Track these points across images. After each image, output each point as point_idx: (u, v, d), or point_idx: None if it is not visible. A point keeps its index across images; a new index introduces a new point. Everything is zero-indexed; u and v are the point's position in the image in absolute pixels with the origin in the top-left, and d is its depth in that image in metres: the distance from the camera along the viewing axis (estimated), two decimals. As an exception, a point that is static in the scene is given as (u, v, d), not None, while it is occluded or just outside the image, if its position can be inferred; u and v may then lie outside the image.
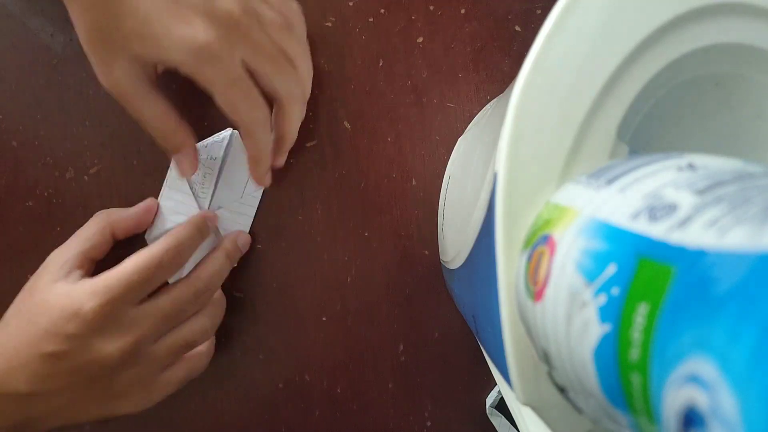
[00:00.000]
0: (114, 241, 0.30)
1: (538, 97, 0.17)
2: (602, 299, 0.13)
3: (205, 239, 0.31)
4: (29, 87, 0.33)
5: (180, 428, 0.34)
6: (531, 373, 0.17)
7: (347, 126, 0.34)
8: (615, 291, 0.13)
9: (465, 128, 0.34)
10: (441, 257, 0.33)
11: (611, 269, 0.13)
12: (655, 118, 0.19)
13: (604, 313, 0.13)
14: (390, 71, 0.34)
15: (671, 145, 0.21)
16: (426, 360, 0.35)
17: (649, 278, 0.12)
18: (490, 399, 0.35)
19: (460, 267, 0.26)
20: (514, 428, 0.33)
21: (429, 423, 0.35)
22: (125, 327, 0.26)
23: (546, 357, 0.16)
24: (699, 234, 0.12)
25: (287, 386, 0.34)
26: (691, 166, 0.14)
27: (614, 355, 0.12)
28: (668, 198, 0.13)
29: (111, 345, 0.26)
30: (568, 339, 0.14)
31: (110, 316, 0.26)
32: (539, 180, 0.17)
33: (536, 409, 0.17)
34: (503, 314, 0.17)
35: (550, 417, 0.17)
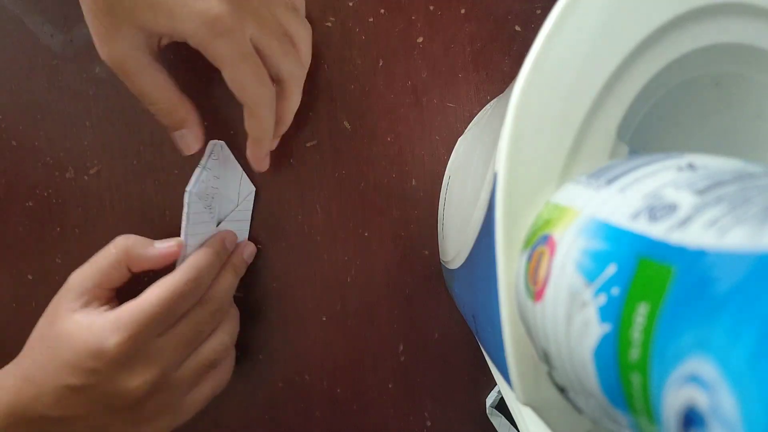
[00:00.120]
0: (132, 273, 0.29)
1: (538, 97, 0.17)
2: (602, 299, 0.13)
3: (223, 261, 0.30)
4: (29, 87, 0.33)
5: (180, 428, 0.34)
6: (531, 373, 0.17)
7: (347, 126, 0.34)
8: (615, 291, 0.13)
9: (465, 128, 0.34)
10: (441, 257, 0.33)
11: (611, 269, 0.13)
12: (655, 118, 0.19)
13: (604, 313, 0.13)
14: (390, 71, 0.34)
15: (671, 145, 0.21)
16: (426, 360, 0.35)
17: (649, 278, 0.12)
18: (490, 399, 0.35)
19: (460, 267, 0.26)
20: (514, 428, 0.33)
21: (429, 423, 0.35)
22: (149, 359, 0.26)
23: (546, 357, 0.16)
24: (699, 234, 0.12)
25: (287, 386, 0.34)
26: (691, 166, 0.14)
27: (614, 355, 0.12)
28: (668, 198, 0.13)
29: (136, 379, 0.26)
30: (568, 339, 0.14)
31: (134, 351, 0.26)
32: (539, 180, 0.17)
33: (536, 409, 0.17)
34: (503, 314, 0.17)
35: (550, 417, 0.17)
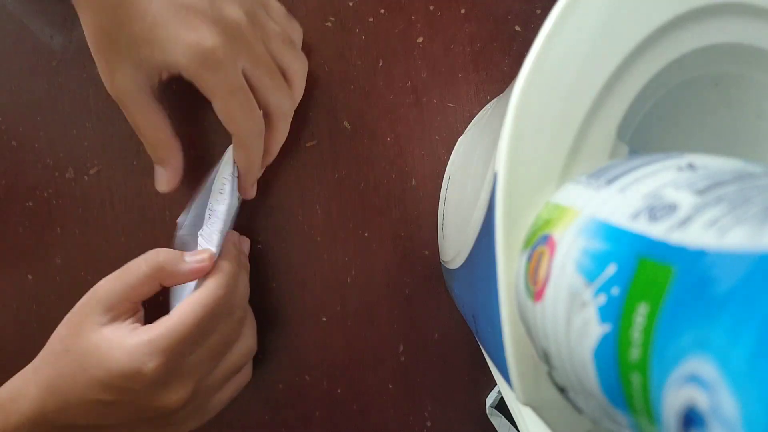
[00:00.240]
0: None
1: (538, 97, 0.17)
2: (602, 299, 0.13)
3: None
4: (29, 88, 0.33)
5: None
6: (531, 373, 0.17)
7: (347, 126, 0.34)
8: (615, 291, 0.13)
9: (465, 128, 0.34)
10: (441, 257, 0.33)
11: (611, 269, 0.13)
12: (655, 118, 0.19)
13: (604, 313, 0.13)
14: (390, 71, 0.34)
15: (671, 145, 0.21)
16: (426, 360, 0.35)
17: (649, 278, 0.12)
18: (490, 399, 0.35)
19: (460, 267, 0.26)
20: (514, 428, 0.33)
21: (429, 423, 0.35)
22: (184, 376, 0.27)
23: (546, 357, 0.16)
24: (699, 234, 0.12)
25: (287, 386, 0.34)
26: (691, 166, 0.14)
27: (614, 355, 0.12)
28: (668, 198, 0.13)
29: (173, 396, 0.26)
30: (568, 339, 0.14)
31: (171, 372, 0.26)
32: (539, 180, 0.17)
33: (536, 409, 0.17)
34: (503, 314, 0.17)
35: (550, 417, 0.17)
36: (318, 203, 0.34)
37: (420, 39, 0.34)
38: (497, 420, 0.34)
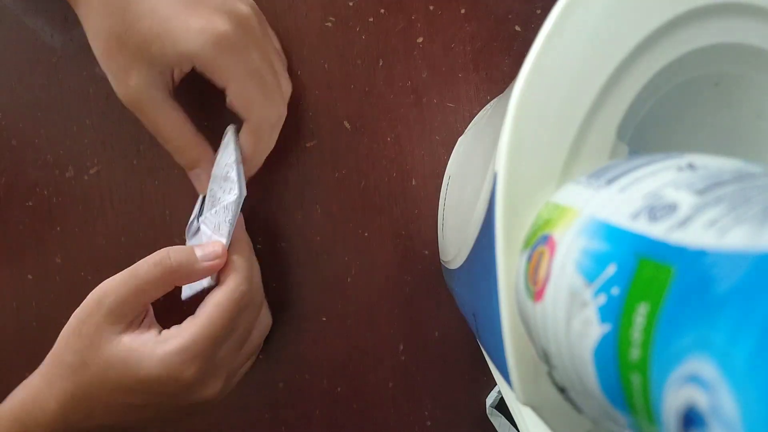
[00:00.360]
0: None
1: (538, 97, 0.17)
2: (602, 299, 0.13)
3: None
4: (29, 86, 0.33)
5: (180, 428, 0.34)
6: (531, 373, 0.17)
7: (347, 126, 0.34)
8: (615, 291, 0.13)
9: (465, 128, 0.34)
10: (441, 257, 0.33)
11: (611, 269, 0.13)
12: (655, 118, 0.19)
13: (604, 313, 0.13)
14: (390, 71, 0.34)
15: (671, 145, 0.21)
16: (426, 360, 0.35)
17: (649, 278, 0.12)
18: (490, 399, 0.35)
19: (460, 267, 0.26)
20: (514, 428, 0.33)
21: (429, 423, 0.35)
22: (217, 370, 0.27)
23: (546, 357, 0.16)
24: (699, 234, 0.12)
25: (287, 386, 0.34)
26: (691, 166, 0.14)
27: (614, 355, 0.12)
28: (668, 198, 0.13)
29: (208, 390, 0.27)
30: (568, 339, 0.14)
31: (206, 371, 0.26)
32: (539, 180, 0.17)
33: (536, 409, 0.17)
34: (503, 314, 0.17)
35: (550, 417, 0.17)
36: (318, 203, 0.34)
37: (420, 39, 0.34)
38: (497, 420, 0.34)
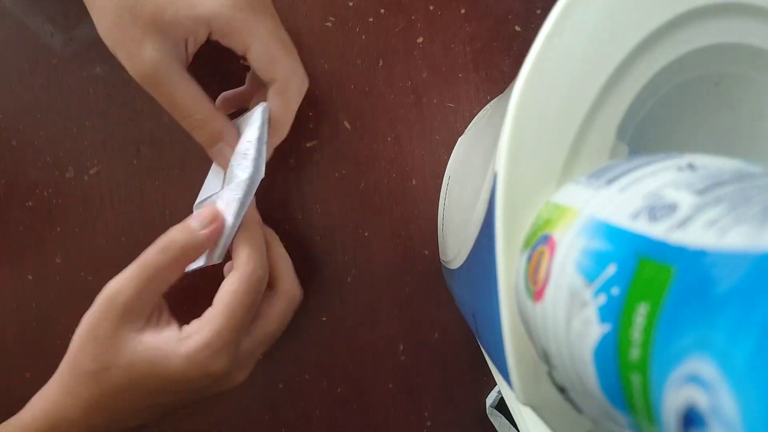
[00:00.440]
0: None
1: (538, 97, 0.17)
2: (602, 299, 0.13)
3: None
4: (29, 87, 0.33)
5: (180, 428, 0.34)
6: (531, 373, 0.17)
7: (347, 126, 0.34)
8: (615, 291, 0.13)
9: (465, 128, 0.34)
10: (441, 257, 0.33)
11: (611, 269, 0.13)
12: (655, 118, 0.19)
13: (604, 313, 0.13)
14: (390, 71, 0.34)
15: (671, 145, 0.21)
16: (426, 360, 0.35)
17: (649, 278, 0.12)
18: (490, 399, 0.35)
19: (460, 267, 0.26)
20: (514, 428, 0.33)
21: (429, 423, 0.35)
22: (242, 357, 0.27)
23: (546, 357, 0.16)
24: (699, 234, 0.12)
25: (287, 386, 0.34)
26: (691, 166, 0.14)
27: (614, 355, 0.12)
28: (668, 198, 0.13)
29: (236, 377, 0.27)
30: (568, 339, 0.14)
31: (233, 361, 0.26)
32: (539, 180, 0.17)
33: (536, 409, 0.17)
34: (503, 314, 0.17)
35: (550, 417, 0.17)
36: (318, 203, 0.34)
37: (420, 39, 0.34)
38: (497, 420, 0.34)
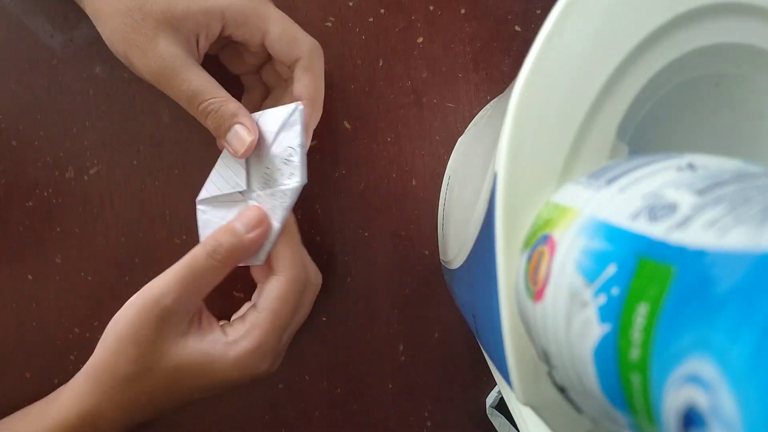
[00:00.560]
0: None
1: (538, 97, 0.17)
2: (602, 299, 0.13)
3: None
4: (29, 87, 0.33)
5: (180, 428, 0.34)
6: (531, 373, 0.17)
7: (347, 126, 0.34)
8: (615, 291, 0.13)
9: (465, 128, 0.34)
10: (441, 257, 0.33)
11: (611, 269, 0.13)
12: (655, 118, 0.19)
13: (604, 313, 0.13)
14: (390, 71, 0.34)
15: (671, 145, 0.21)
16: (426, 360, 0.35)
17: (649, 278, 0.12)
18: (490, 399, 0.35)
19: (460, 267, 0.26)
20: (514, 428, 0.33)
21: (429, 423, 0.35)
22: (281, 352, 0.29)
23: (546, 357, 0.16)
24: (699, 234, 0.12)
25: (287, 386, 0.34)
26: (691, 166, 0.14)
27: (614, 355, 0.12)
28: (668, 198, 0.13)
29: (273, 368, 0.28)
30: (568, 339, 0.14)
31: (276, 358, 0.28)
32: (539, 180, 0.17)
33: (536, 409, 0.17)
34: (503, 314, 0.17)
35: (550, 417, 0.17)
36: (318, 203, 0.34)
37: (420, 39, 0.34)
38: (497, 420, 0.34)
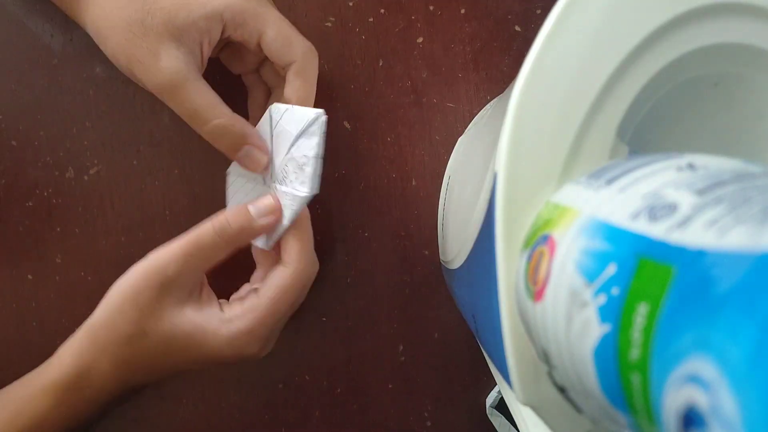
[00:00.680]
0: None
1: (538, 97, 0.17)
2: (602, 299, 0.13)
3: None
4: (29, 87, 0.33)
5: (180, 428, 0.34)
6: (531, 373, 0.17)
7: (347, 126, 0.34)
8: (615, 291, 0.13)
9: (465, 128, 0.34)
10: (441, 257, 0.33)
11: (611, 269, 0.13)
12: (655, 118, 0.19)
13: (604, 313, 0.13)
14: (390, 71, 0.34)
15: (671, 145, 0.21)
16: (426, 360, 0.35)
17: (649, 278, 0.12)
18: (490, 399, 0.35)
19: (460, 267, 0.26)
20: (514, 428, 0.33)
21: (429, 423, 0.35)
22: (273, 338, 0.29)
23: (546, 357, 0.16)
24: (699, 234, 0.12)
25: (287, 386, 0.34)
26: (691, 166, 0.14)
27: (614, 355, 0.12)
28: (668, 198, 0.13)
29: (263, 352, 0.28)
30: (568, 339, 0.14)
31: (267, 343, 0.28)
32: (539, 180, 0.17)
33: (536, 409, 0.17)
34: (503, 314, 0.17)
35: (550, 417, 0.17)
36: (318, 203, 0.34)
37: (420, 39, 0.34)
38: (497, 420, 0.34)
